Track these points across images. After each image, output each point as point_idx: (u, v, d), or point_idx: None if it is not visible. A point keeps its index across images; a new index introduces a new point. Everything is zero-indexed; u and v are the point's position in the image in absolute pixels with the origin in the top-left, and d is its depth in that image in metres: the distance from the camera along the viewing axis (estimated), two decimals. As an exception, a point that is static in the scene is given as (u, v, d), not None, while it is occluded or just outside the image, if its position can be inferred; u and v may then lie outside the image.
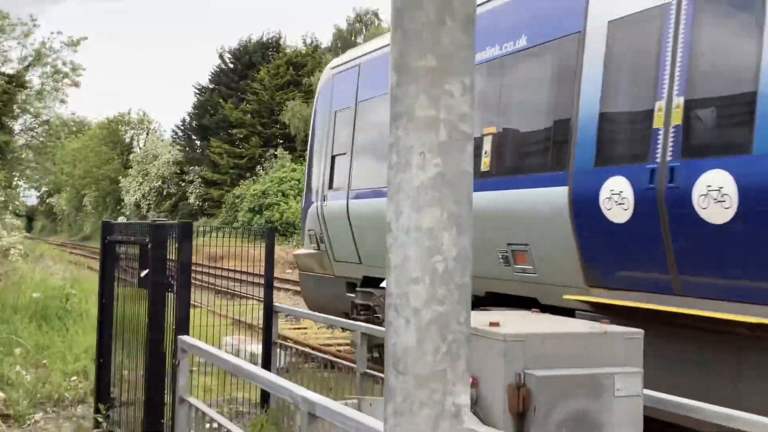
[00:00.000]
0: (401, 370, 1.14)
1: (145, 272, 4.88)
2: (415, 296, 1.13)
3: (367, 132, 10.38)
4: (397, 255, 1.15)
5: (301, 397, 2.86)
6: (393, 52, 1.17)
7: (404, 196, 1.14)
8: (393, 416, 1.15)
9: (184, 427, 4.10)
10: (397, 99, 1.15)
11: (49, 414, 7.46)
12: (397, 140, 1.15)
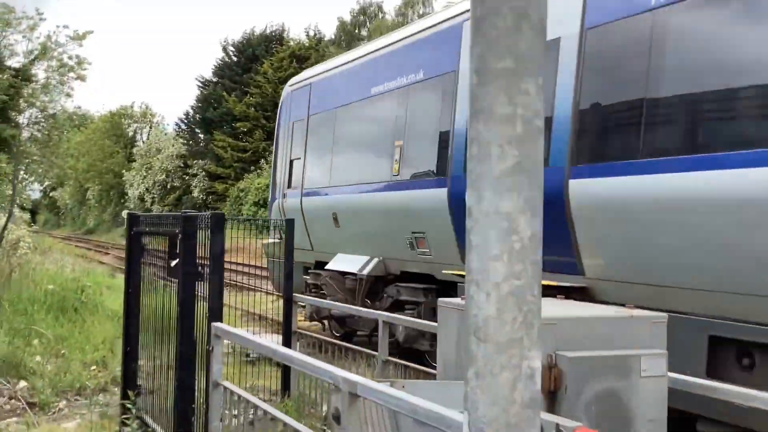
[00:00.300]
0: (482, 338, 1.28)
1: (175, 262, 5.03)
2: (494, 272, 1.27)
3: (316, 140, 12.43)
4: (478, 236, 1.29)
5: (342, 378, 3.00)
6: (473, 56, 1.31)
7: (485, 183, 1.28)
8: (475, 378, 1.29)
9: (218, 411, 4.25)
10: (478, 98, 1.29)
11: (72, 402, 7.64)
12: (478, 134, 1.29)
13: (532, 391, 1.29)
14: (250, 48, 54.02)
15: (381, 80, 10.63)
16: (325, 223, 11.29)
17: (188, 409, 4.85)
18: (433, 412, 2.46)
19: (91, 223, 73.17)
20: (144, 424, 5.50)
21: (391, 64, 10.45)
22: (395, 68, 10.22)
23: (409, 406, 2.59)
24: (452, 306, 3.36)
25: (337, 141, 11.80)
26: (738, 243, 5.39)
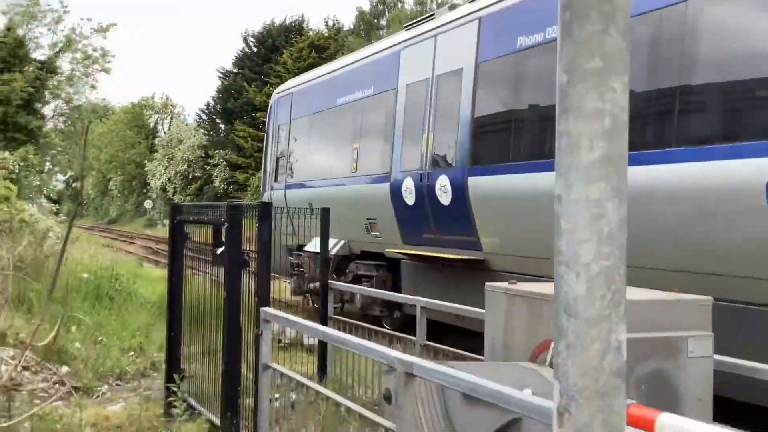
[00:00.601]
0: (572, 314, 1.41)
1: (221, 250, 5.19)
2: (584, 254, 1.39)
3: (296, 141, 14.92)
4: (567, 221, 1.41)
5: (397, 359, 3.14)
6: (563, 57, 1.43)
7: (574, 173, 1.40)
8: (566, 350, 1.42)
9: (267, 391, 4.42)
10: (567, 95, 1.41)
11: (113, 387, 7.86)
12: (568, 128, 1.41)
13: (619, 362, 1.41)
14: (270, 39, 54.24)
15: (344, 93, 12.92)
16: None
17: (236, 392, 5.02)
18: (493, 389, 2.59)
19: (113, 213, 73.97)
20: (189, 406, 5.68)
21: (352, 80, 12.77)
22: (354, 84, 12.56)
23: (469, 384, 2.72)
24: (499, 290, 3.48)
25: (312, 143, 14.38)
26: None
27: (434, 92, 10.06)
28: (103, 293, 11.42)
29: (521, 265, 8.08)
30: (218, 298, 5.58)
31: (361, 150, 12.07)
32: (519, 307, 3.31)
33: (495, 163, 8.62)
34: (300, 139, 14.76)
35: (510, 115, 8.63)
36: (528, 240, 8.02)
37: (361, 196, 11.66)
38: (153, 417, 6.03)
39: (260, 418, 4.47)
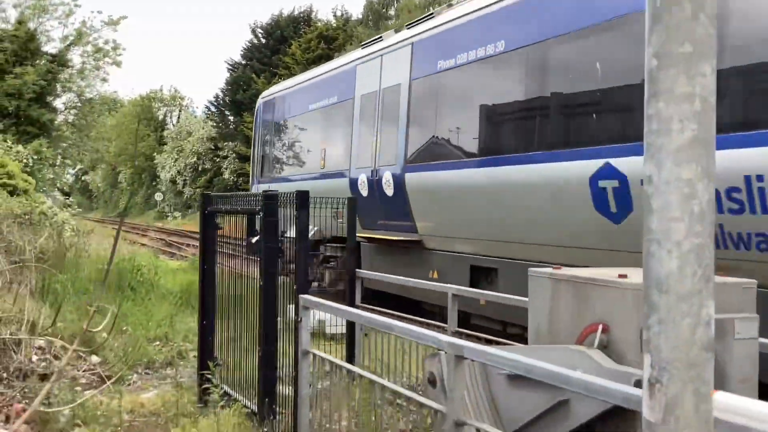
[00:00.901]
0: (664, 290, 1.47)
1: (256, 239, 5.26)
2: (676, 232, 1.46)
3: (277, 141, 17.72)
4: (658, 201, 1.47)
5: (447, 343, 3.21)
6: (653, 42, 1.48)
7: (665, 155, 1.46)
8: (657, 324, 1.48)
9: (307, 377, 4.50)
10: (658, 80, 1.47)
11: (142, 375, 7.96)
12: (658, 112, 1.47)
13: (709, 336, 1.47)
14: (279, 30, 54.17)
15: (315, 100, 15.20)
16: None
17: (273, 378, 5.10)
18: (550, 370, 2.65)
19: (123, 206, 74.21)
20: (225, 393, 5.76)
21: (321, 89, 15.04)
22: (323, 93, 14.86)
23: (524, 366, 2.79)
24: (543, 275, 3.54)
25: (290, 143, 16.96)
26: (478, 213, 9.43)
27: (381, 103, 12.16)
28: (126, 284, 11.52)
29: (447, 244, 10.31)
30: (251, 287, 5.66)
31: (327, 150, 14.53)
32: (564, 292, 3.37)
33: (424, 162, 10.76)
34: (281, 139, 17.54)
35: (433, 123, 10.79)
36: (451, 223, 10.11)
37: (329, 188, 12.99)
38: (187, 404, 6.12)
39: (300, 403, 4.55)
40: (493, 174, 9.01)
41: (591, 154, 7.37)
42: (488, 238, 9.30)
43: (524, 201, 8.39)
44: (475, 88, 9.90)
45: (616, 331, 3.09)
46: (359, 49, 13.81)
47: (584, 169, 7.41)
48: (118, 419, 5.61)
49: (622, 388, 2.38)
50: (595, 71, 7.66)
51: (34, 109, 29.12)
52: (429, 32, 10.99)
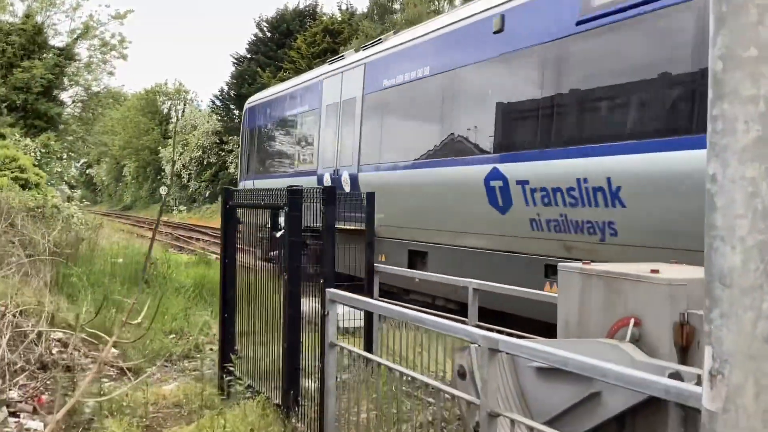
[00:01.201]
0: (727, 284, 1.53)
1: (280, 233, 5.32)
2: (740, 228, 1.51)
3: (259, 144, 20.02)
4: (723, 199, 1.53)
5: (480, 336, 3.27)
6: (717, 46, 1.54)
7: (730, 154, 1.52)
8: (719, 318, 1.54)
9: (333, 369, 4.57)
10: (723, 82, 1.53)
11: (160, 368, 8.03)
12: (723, 113, 1.53)
13: (771, 329, 1.53)
14: (284, 24, 54.16)
15: (291, 108, 17.60)
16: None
17: (297, 370, 5.17)
18: (587, 362, 2.71)
19: (127, 199, 74.31)
20: (248, 386, 5.83)
21: (294, 99, 17.34)
22: (296, 102, 17.13)
23: (559, 358, 2.84)
24: (573, 270, 3.60)
25: (270, 145, 19.58)
26: (410, 207, 11.35)
27: (341, 112, 14.17)
28: (139, 277, 11.59)
29: (391, 232, 12.01)
30: (273, 281, 5.73)
31: (300, 152, 16.82)
32: (595, 286, 3.43)
33: (372, 163, 12.77)
34: (261, 142, 20.04)
35: (379, 131, 12.76)
36: (393, 215, 11.73)
37: (301, 185, 15.05)
38: (209, 396, 6.19)
39: (327, 393, 4.62)
40: (418, 175, 11.18)
41: (484, 161, 9.61)
42: (419, 227, 11.27)
43: (440, 197, 10.55)
44: (408, 104, 12.01)
45: (647, 324, 3.14)
46: (326, 65, 16.30)
47: (479, 172, 9.61)
48: (142, 410, 5.68)
49: (662, 380, 2.44)
50: (486, 96, 9.90)
51: (41, 103, 29.22)
52: (377, 55, 13.24)
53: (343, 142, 13.90)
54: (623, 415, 3.23)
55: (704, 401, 1.60)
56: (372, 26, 48.00)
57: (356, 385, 5.13)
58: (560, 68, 8.57)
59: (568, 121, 8.47)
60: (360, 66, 13.66)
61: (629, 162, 7.32)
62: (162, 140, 62.95)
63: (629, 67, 7.57)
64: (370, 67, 13.28)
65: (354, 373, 5.30)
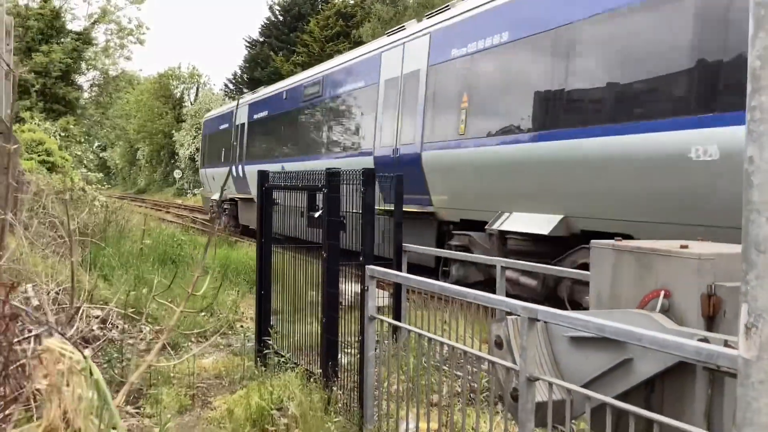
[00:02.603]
0: (762, 250, 1.79)
1: (318, 213, 5.60)
2: (774, 203, 1.77)
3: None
4: (759, 177, 1.79)
5: (521, 306, 3.54)
6: (755, 46, 1.79)
7: (766, 139, 1.77)
8: (755, 279, 1.80)
9: (373, 341, 4.86)
10: (761, 77, 1.78)
11: (196, 344, 8.36)
12: (761, 104, 1.78)
13: (798, 288, 1.79)
14: (296, 7, 54.31)
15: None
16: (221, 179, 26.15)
17: (335, 342, 5.47)
18: (623, 329, 2.97)
19: (141, 182, 74.87)
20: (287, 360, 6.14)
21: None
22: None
23: (596, 325, 3.11)
24: (606, 246, 3.86)
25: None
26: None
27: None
28: (167, 258, 11.92)
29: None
30: (311, 261, 6.02)
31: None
32: (627, 261, 3.68)
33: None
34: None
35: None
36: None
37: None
38: (249, 368, 6.50)
39: (367, 363, 4.91)
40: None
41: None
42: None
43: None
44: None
45: (677, 296, 3.40)
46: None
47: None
48: (188, 381, 6.00)
49: (693, 343, 2.70)
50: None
51: (59, 87, 29.55)
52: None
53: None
54: (653, 380, 3.50)
55: (740, 350, 1.87)
56: (384, 9, 48.02)
57: (389, 358, 5.43)
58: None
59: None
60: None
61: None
62: (175, 124, 63.27)
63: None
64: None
65: (385, 347, 5.60)
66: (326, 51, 48.92)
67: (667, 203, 7.48)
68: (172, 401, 5.46)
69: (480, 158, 10.80)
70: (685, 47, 7.47)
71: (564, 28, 9.12)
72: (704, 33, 7.30)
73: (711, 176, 6.87)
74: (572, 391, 3.37)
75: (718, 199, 6.83)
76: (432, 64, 12.25)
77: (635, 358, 3.47)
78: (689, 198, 7.16)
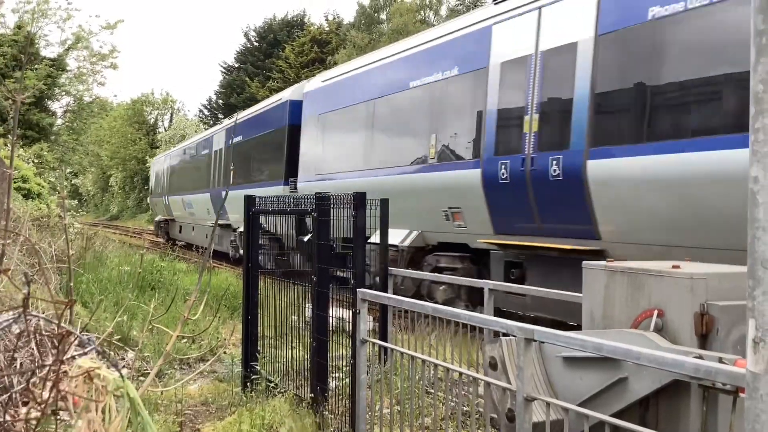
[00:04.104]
0: (767, 266, 1.85)
1: (307, 237, 5.62)
2: (779, 219, 1.84)
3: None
4: (764, 196, 1.86)
5: (516, 327, 3.58)
6: (758, 70, 1.86)
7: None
8: (762, 295, 1.86)
9: (364, 364, 4.86)
10: (764, 101, 1.85)
11: (179, 370, 8.28)
12: (765, 126, 1.86)
13: (806, 303, 1.86)
14: (272, 33, 54.57)
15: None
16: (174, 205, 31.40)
17: (326, 366, 5.46)
18: (619, 348, 3.02)
19: (114, 209, 74.09)
20: (276, 385, 6.11)
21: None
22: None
23: (593, 345, 3.16)
24: (598, 267, 3.93)
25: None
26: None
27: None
28: (146, 284, 11.81)
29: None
30: (297, 285, 6.02)
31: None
32: (619, 282, 3.75)
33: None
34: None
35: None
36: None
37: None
38: (235, 394, 6.45)
39: (359, 387, 4.91)
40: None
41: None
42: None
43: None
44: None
45: (670, 315, 3.47)
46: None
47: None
48: (175, 408, 5.94)
49: (691, 360, 2.76)
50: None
51: (33, 113, 29.29)
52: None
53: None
54: (647, 398, 3.55)
55: (749, 365, 1.92)
56: (360, 36, 48.45)
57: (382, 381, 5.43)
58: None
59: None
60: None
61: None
62: (149, 150, 62.90)
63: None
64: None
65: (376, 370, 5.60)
66: (301, 77, 49.12)
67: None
68: (161, 428, 5.39)
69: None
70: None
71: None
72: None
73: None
74: (569, 410, 3.41)
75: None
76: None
77: (630, 377, 3.52)
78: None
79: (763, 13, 1.86)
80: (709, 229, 7.14)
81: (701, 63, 7.38)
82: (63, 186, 31.02)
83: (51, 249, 12.45)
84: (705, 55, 7.36)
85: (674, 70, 7.67)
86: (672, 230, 7.56)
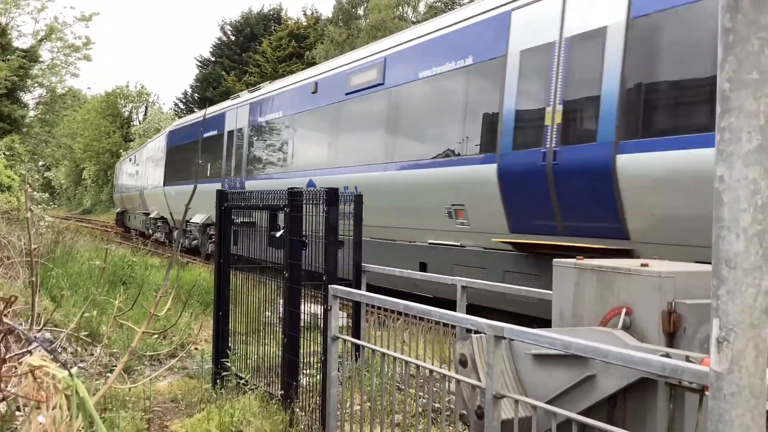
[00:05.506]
0: (732, 266, 1.85)
1: (279, 233, 5.57)
2: (743, 220, 1.83)
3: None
4: (729, 195, 1.85)
5: (486, 324, 3.57)
6: (724, 69, 1.86)
7: (735, 159, 1.84)
8: (726, 294, 1.86)
9: (335, 360, 4.83)
10: (730, 99, 1.85)
11: (148, 366, 8.19)
12: (730, 125, 1.85)
13: (767, 302, 1.86)
14: (248, 27, 54.21)
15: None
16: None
17: (296, 363, 5.42)
18: (589, 346, 3.02)
19: (87, 203, 73.26)
20: (246, 381, 6.06)
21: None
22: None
23: (562, 342, 3.16)
24: (568, 265, 3.93)
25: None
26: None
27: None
28: (117, 279, 11.67)
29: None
30: (270, 281, 5.97)
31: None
32: (588, 280, 3.76)
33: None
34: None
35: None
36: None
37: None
38: (205, 390, 6.39)
39: (329, 384, 4.88)
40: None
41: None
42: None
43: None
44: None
45: (638, 313, 3.48)
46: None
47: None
48: (143, 405, 5.86)
49: (659, 359, 2.77)
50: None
51: (5, 105, 28.84)
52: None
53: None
54: (615, 396, 3.56)
55: (712, 364, 1.92)
56: (337, 31, 48.31)
57: (353, 378, 5.41)
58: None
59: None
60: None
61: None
62: (123, 143, 62.26)
63: None
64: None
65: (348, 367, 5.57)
66: (279, 72, 48.87)
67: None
68: (128, 425, 5.33)
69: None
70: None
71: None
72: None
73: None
74: (537, 407, 3.41)
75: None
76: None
77: (598, 375, 3.53)
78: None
79: (729, 11, 1.85)
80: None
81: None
82: (32, 178, 30.59)
83: (20, 243, 12.28)
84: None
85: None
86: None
